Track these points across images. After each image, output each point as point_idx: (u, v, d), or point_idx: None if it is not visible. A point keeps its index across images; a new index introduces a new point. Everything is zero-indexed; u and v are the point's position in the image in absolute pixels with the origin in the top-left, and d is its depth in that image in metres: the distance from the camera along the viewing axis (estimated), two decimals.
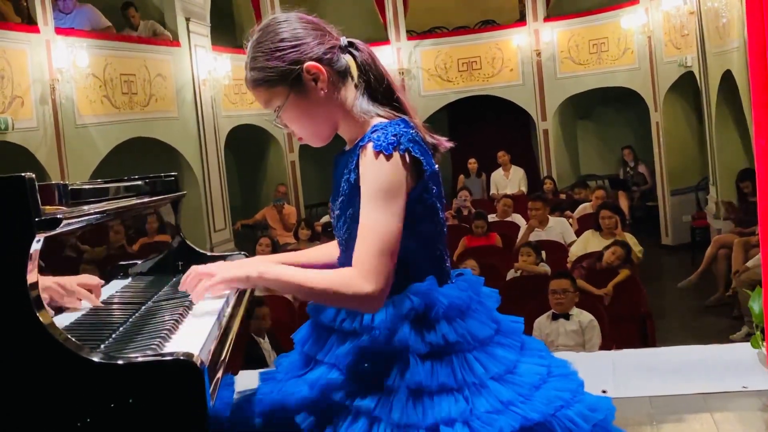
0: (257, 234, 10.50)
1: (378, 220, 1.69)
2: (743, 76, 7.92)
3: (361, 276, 1.67)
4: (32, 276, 1.48)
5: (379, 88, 1.84)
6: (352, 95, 1.83)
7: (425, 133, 1.83)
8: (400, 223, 1.70)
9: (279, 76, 1.77)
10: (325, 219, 10.85)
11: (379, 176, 1.70)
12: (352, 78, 1.84)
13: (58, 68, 8.15)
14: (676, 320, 8.02)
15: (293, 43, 1.78)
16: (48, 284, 1.75)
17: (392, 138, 1.72)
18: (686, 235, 11.20)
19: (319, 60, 1.78)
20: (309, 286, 1.72)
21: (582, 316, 5.31)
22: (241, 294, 2.17)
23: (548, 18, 12.73)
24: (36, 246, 1.50)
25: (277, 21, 1.82)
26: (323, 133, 1.86)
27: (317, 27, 1.82)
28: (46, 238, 1.55)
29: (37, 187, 1.49)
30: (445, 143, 1.88)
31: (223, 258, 2.84)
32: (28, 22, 8.05)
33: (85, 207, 1.92)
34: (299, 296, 1.87)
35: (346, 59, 1.83)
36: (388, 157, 1.70)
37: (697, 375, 3.69)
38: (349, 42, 1.85)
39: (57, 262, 1.86)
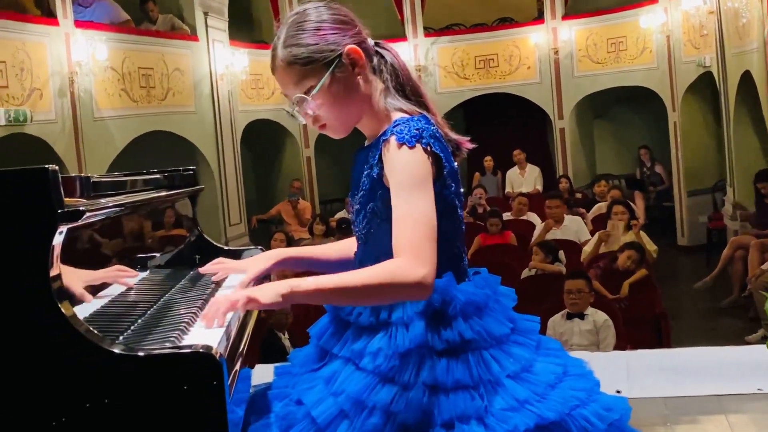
0: (272, 229, 10.52)
1: (416, 207, 1.67)
2: (762, 77, 7.87)
3: (410, 262, 1.63)
4: (54, 267, 1.49)
5: (405, 87, 1.84)
6: (379, 90, 1.83)
7: (448, 131, 1.84)
8: (434, 211, 1.69)
9: (319, 53, 1.75)
10: (340, 215, 10.86)
11: (407, 166, 1.70)
12: (380, 74, 1.84)
13: (76, 61, 8.19)
14: (691, 321, 7.99)
15: (333, 25, 1.78)
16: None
17: (415, 131, 1.72)
18: (702, 236, 11.14)
19: (359, 45, 1.79)
20: (355, 287, 1.68)
21: (597, 316, 5.30)
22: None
23: (566, 16, 12.68)
24: (58, 238, 1.51)
25: (315, 5, 1.81)
26: (350, 121, 1.84)
27: (352, 19, 1.83)
28: (66, 230, 1.56)
29: (60, 178, 1.50)
30: (467, 143, 1.88)
31: (240, 252, 2.85)
32: (48, 15, 8.10)
33: (105, 200, 1.93)
34: (343, 302, 1.81)
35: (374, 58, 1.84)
36: (412, 149, 1.70)
37: (712, 376, 3.68)
38: (376, 42, 1.86)
39: (76, 254, 1.87)
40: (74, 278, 1.69)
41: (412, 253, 1.64)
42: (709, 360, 3.91)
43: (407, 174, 1.69)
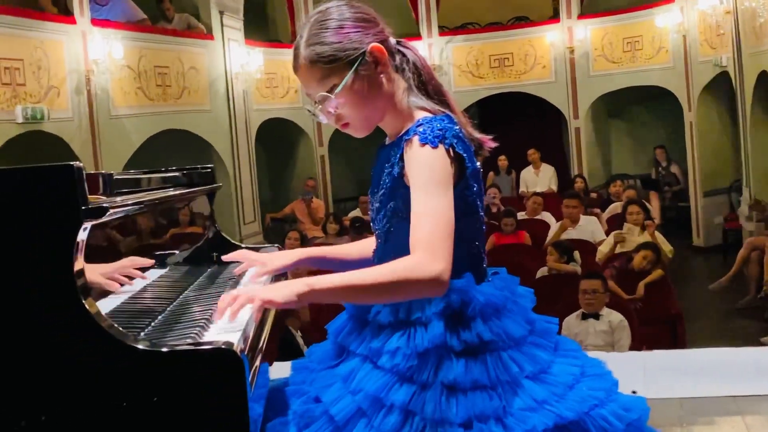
0: (286, 228, 10.55)
1: (434, 206, 1.67)
2: None
3: (426, 259, 1.63)
4: (78, 263, 1.51)
5: (427, 85, 1.84)
6: (402, 88, 1.83)
7: (471, 130, 1.83)
8: (453, 211, 1.69)
9: (342, 52, 1.75)
10: (354, 213, 10.87)
11: (428, 165, 1.70)
12: (403, 73, 1.84)
13: (93, 59, 8.24)
14: (707, 322, 7.95)
15: (357, 24, 1.78)
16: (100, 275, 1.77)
17: (438, 131, 1.72)
18: (718, 237, 11.09)
19: (382, 44, 1.79)
20: (372, 284, 1.67)
21: (612, 316, 5.28)
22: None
23: (582, 15, 12.64)
24: (83, 234, 1.52)
25: (337, 4, 1.81)
26: (373, 119, 1.84)
27: (375, 18, 1.83)
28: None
29: (84, 175, 1.51)
30: (489, 142, 1.87)
31: (257, 250, 2.86)
32: (65, 13, 8.14)
33: (126, 197, 1.94)
34: (360, 300, 1.80)
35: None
36: (434, 149, 1.70)
37: (728, 377, 3.67)
38: (397, 41, 1.86)
39: (95, 251, 1.88)
40: (92, 273, 1.70)
41: (428, 250, 1.64)
42: (725, 361, 3.90)
43: (427, 173, 1.69)
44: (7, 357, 1.50)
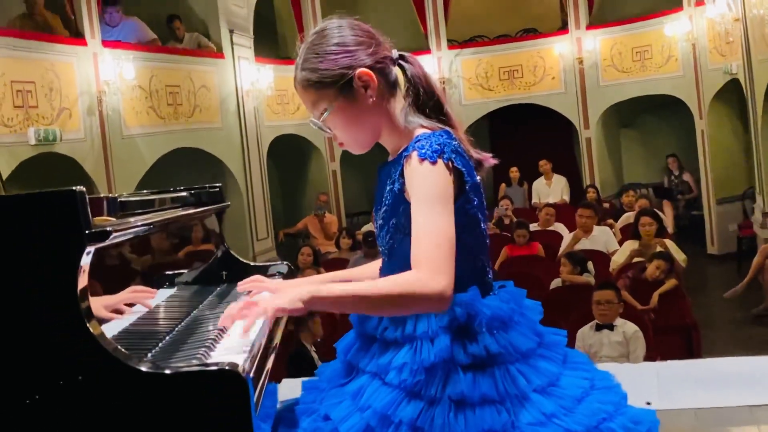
0: (299, 243, 10.56)
1: (435, 222, 1.68)
2: None
3: (428, 274, 1.64)
4: (82, 287, 1.52)
5: (428, 101, 1.85)
6: (400, 106, 1.85)
7: (470, 147, 1.84)
8: (453, 226, 1.70)
9: (330, 78, 1.79)
10: (366, 228, 10.88)
11: (427, 181, 1.71)
12: (401, 89, 1.86)
13: (105, 80, 8.30)
14: (722, 331, 7.89)
15: (347, 48, 1.80)
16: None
17: (436, 146, 1.74)
18: (732, 245, 11.02)
19: (371, 68, 1.80)
20: (374, 295, 1.69)
21: (626, 327, 5.25)
22: None
23: (591, 26, 12.64)
24: (86, 258, 1.53)
25: (333, 26, 1.83)
26: (365, 140, 1.87)
27: (371, 36, 1.84)
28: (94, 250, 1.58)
29: (87, 199, 1.52)
30: (489, 159, 1.88)
31: (266, 268, 2.87)
32: (76, 36, 8.21)
33: (133, 219, 1.96)
34: (362, 310, 1.82)
35: (396, 71, 1.86)
36: (433, 164, 1.72)
37: (744, 387, 3.64)
38: (400, 55, 1.87)
39: (104, 271, 1.89)
40: (95, 305, 1.71)
41: (430, 267, 1.65)
42: (741, 370, 3.86)
43: (427, 189, 1.71)
44: (12, 380, 1.51)
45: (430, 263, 1.65)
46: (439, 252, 1.66)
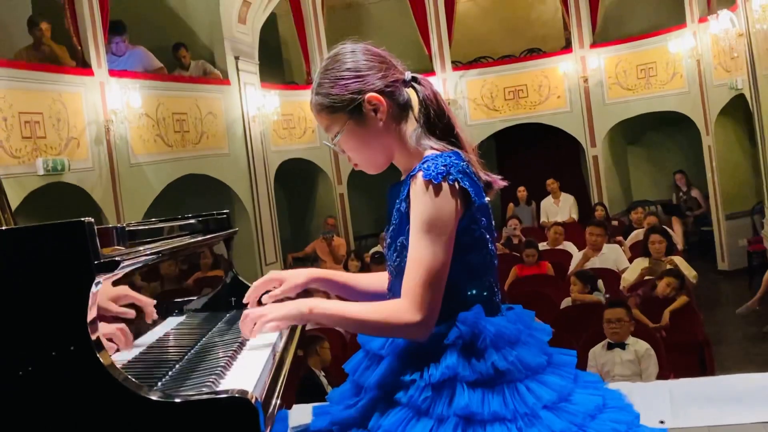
0: (308, 267, 10.53)
1: (425, 253, 1.72)
2: None
3: (409, 307, 1.72)
4: (92, 318, 1.52)
5: (439, 123, 1.87)
6: (411, 128, 1.88)
7: (479, 169, 1.85)
8: (447, 255, 1.74)
9: (340, 103, 1.83)
10: (375, 250, 10.88)
11: (427, 208, 1.73)
12: (413, 111, 1.89)
13: (112, 109, 8.36)
14: (735, 347, 7.85)
15: (357, 73, 1.83)
16: None
17: (442, 168, 1.75)
18: (743, 260, 10.98)
19: (380, 92, 1.83)
20: (359, 318, 1.78)
21: (638, 345, 5.23)
22: (293, 327, 2.20)
23: (595, 44, 12.67)
24: (95, 289, 1.54)
25: (345, 51, 1.87)
26: (378, 161, 1.91)
27: (383, 60, 1.87)
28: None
29: (96, 231, 1.53)
30: (499, 181, 1.90)
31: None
32: (83, 66, 8.29)
33: (142, 248, 1.96)
34: (350, 329, 1.92)
35: (408, 93, 1.88)
36: (437, 187, 1.73)
37: (758, 403, 3.61)
38: (412, 77, 1.89)
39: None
40: None
41: (410, 298, 1.72)
42: (755, 386, 3.83)
43: (425, 217, 1.74)
44: (22, 411, 1.51)
45: (410, 295, 1.73)
46: (422, 285, 1.72)
